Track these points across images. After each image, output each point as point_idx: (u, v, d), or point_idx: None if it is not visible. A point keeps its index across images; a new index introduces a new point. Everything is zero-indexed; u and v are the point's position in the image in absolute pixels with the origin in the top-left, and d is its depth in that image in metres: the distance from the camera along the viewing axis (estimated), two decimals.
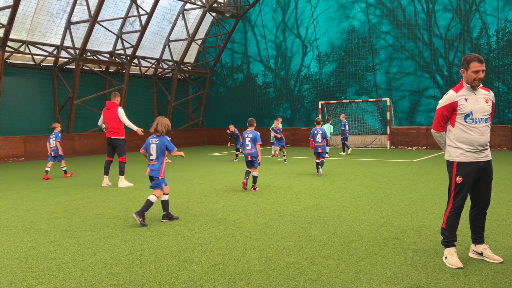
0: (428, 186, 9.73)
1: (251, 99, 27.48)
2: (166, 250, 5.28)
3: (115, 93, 11.14)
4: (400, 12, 21.82)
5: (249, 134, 9.69)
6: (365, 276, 4.29)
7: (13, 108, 19.91)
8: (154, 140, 6.97)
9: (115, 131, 10.82)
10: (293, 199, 8.48)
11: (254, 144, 9.62)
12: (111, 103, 10.93)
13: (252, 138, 9.62)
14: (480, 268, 4.44)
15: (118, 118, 10.82)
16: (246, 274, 4.40)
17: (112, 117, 10.83)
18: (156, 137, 6.96)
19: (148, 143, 7.02)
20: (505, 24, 19.41)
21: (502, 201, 7.72)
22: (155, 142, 6.94)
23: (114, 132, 10.83)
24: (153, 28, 24.33)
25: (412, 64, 21.77)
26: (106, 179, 10.98)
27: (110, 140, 10.90)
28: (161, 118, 7.06)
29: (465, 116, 4.52)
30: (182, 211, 7.56)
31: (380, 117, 22.70)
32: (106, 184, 10.91)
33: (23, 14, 18.89)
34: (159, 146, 6.90)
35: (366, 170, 12.87)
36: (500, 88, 19.60)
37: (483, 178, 4.61)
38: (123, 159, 10.91)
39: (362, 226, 6.21)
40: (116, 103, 10.96)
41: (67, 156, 20.81)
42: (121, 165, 10.86)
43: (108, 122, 10.88)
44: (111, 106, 10.89)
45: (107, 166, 11.01)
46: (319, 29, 24.20)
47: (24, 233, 6.29)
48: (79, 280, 4.33)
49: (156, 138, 6.95)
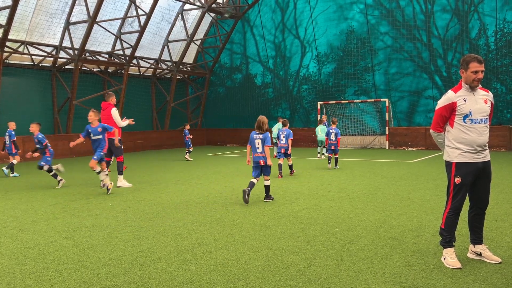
0: (427, 186, 9.74)
1: (250, 99, 27.50)
2: (165, 250, 5.28)
3: (109, 93, 11.20)
4: (398, 13, 21.85)
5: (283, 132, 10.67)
6: (364, 276, 4.29)
7: (12, 109, 19.88)
8: (258, 136, 8.38)
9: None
10: (292, 200, 8.48)
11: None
12: (106, 104, 10.99)
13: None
14: (478, 268, 4.44)
15: (112, 118, 10.89)
16: (245, 275, 4.40)
17: (107, 117, 10.89)
18: (260, 134, 8.36)
19: (253, 138, 8.41)
20: (504, 25, 19.44)
21: (500, 202, 7.73)
22: (259, 137, 8.36)
23: (110, 133, 10.82)
24: (152, 29, 24.32)
25: (411, 64, 21.80)
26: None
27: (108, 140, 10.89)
28: (262, 118, 8.42)
29: (464, 117, 4.53)
30: (181, 212, 7.55)
31: (379, 117, 22.72)
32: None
33: (21, 14, 18.88)
34: (262, 140, 8.31)
35: (365, 171, 12.88)
36: (499, 89, 19.63)
37: (482, 179, 4.61)
38: (121, 159, 10.96)
39: (361, 227, 6.21)
40: (111, 104, 11.00)
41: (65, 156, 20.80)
42: (119, 165, 10.91)
43: (103, 122, 10.90)
44: (106, 107, 10.96)
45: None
46: (318, 29, 24.22)
47: (23, 233, 6.28)
48: (77, 281, 4.32)
49: (260, 134, 8.36)
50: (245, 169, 13.96)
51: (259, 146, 8.33)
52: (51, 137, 20.25)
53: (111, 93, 11.25)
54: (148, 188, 10.37)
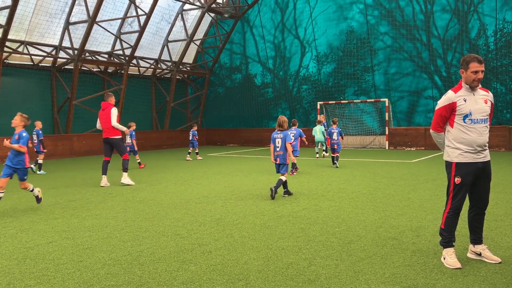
0: (426, 186, 9.74)
1: (250, 99, 27.50)
2: (165, 250, 5.28)
3: (109, 93, 11.27)
4: (398, 13, 21.85)
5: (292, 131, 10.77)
6: (363, 276, 4.29)
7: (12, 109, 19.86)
8: (278, 135, 8.79)
9: (110, 130, 10.89)
10: (291, 200, 8.48)
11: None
12: (106, 104, 11.02)
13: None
14: (478, 268, 4.44)
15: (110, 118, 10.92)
16: (245, 275, 4.40)
17: (107, 117, 10.91)
18: (280, 132, 8.75)
19: (274, 137, 8.80)
20: (503, 25, 19.44)
21: (500, 202, 7.73)
22: (279, 136, 8.77)
23: (109, 132, 10.90)
24: (151, 29, 24.33)
25: (411, 64, 21.80)
26: (104, 179, 11.00)
27: (107, 140, 10.97)
28: (283, 117, 8.81)
29: (463, 117, 4.52)
30: (181, 212, 7.55)
31: (379, 117, 22.72)
32: (105, 184, 10.92)
33: (21, 14, 18.87)
34: (283, 139, 8.73)
35: (365, 171, 12.88)
36: (499, 89, 19.64)
37: (482, 179, 4.61)
38: (126, 157, 11.11)
39: (361, 227, 6.21)
40: (110, 104, 11.04)
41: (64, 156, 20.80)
42: (124, 162, 11.08)
43: (103, 122, 10.94)
44: (106, 106, 10.99)
45: (105, 166, 11.04)
46: (317, 29, 24.22)
47: (23, 233, 6.28)
48: (77, 281, 4.32)
49: (280, 133, 8.77)
50: (245, 169, 13.97)
51: (279, 144, 8.80)
52: (51, 137, 20.28)
53: (110, 93, 11.31)
54: (148, 188, 10.37)
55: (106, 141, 10.97)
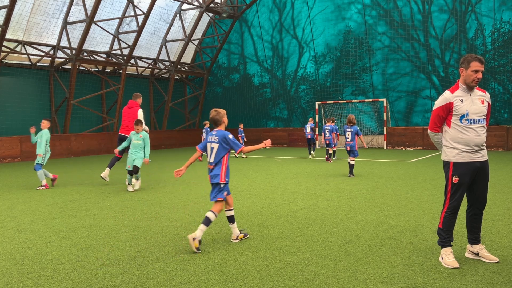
0: (424, 186, 9.76)
1: (248, 99, 27.50)
2: (163, 250, 5.28)
3: (138, 94, 11.65)
4: (396, 13, 21.89)
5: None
6: (361, 276, 4.29)
7: (9, 109, 19.83)
8: (349, 129, 11.84)
9: (128, 129, 11.14)
10: (290, 200, 8.48)
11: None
12: (134, 103, 11.40)
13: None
14: (476, 268, 4.45)
15: (137, 118, 11.14)
16: (243, 275, 4.40)
17: (131, 115, 11.23)
18: (351, 127, 11.86)
19: (345, 131, 11.82)
20: (501, 25, 19.50)
21: (498, 201, 7.75)
22: (349, 130, 11.82)
23: (127, 130, 11.17)
24: (149, 28, 24.30)
25: (408, 64, 21.84)
26: (107, 171, 10.98)
27: (123, 137, 11.16)
28: (351, 115, 11.95)
29: (460, 117, 4.54)
30: (179, 212, 7.55)
31: (377, 117, 22.76)
32: (105, 176, 10.88)
33: (19, 14, 18.83)
34: (352, 133, 11.74)
35: (363, 171, 12.90)
36: (496, 89, 19.69)
37: (480, 178, 4.62)
38: None
39: (359, 227, 6.22)
40: (137, 104, 11.43)
41: (63, 156, 20.76)
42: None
43: (126, 119, 11.27)
44: (133, 105, 11.35)
45: (114, 161, 11.08)
46: (315, 29, 24.24)
47: (20, 233, 6.27)
48: (75, 281, 4.31)
49: (350, 128, 11.85)
50: (244, 169, 13.98)
51: (349, 136, 11.82)
52: None
53: (139, 94, 11.70)
54: (146, 188, 10.36)
55: (122, 138, 11.18)
